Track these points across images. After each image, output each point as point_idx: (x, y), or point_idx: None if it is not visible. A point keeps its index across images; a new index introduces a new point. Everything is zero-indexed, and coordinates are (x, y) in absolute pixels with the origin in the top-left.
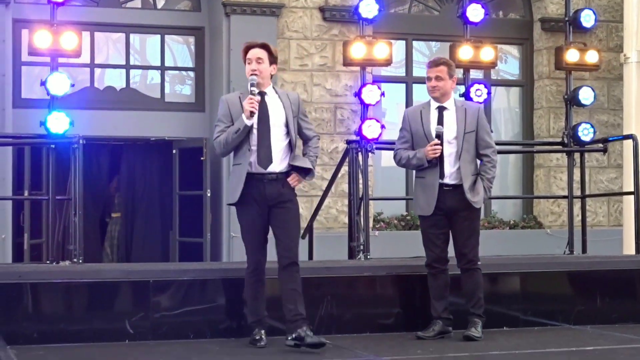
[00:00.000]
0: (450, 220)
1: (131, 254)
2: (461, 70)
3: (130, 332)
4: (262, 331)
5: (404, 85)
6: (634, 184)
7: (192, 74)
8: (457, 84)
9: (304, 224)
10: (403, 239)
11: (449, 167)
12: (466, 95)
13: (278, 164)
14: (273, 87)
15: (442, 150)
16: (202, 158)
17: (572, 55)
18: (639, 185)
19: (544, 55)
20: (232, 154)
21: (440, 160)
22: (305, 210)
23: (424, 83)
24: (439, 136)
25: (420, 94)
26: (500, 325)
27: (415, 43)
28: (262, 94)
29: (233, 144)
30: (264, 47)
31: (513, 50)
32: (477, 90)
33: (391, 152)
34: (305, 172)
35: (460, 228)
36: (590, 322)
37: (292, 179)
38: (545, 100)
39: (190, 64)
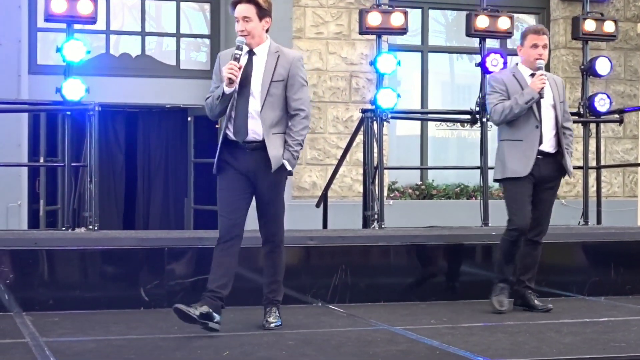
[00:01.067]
0: (534, 189)
1: (148, 221)
2: (477, 40)
3: (145, 299)
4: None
5: (419, 54)
6: None
7: (207, 41)
8: (467, 53)
9: (317, 192)
10: (417, 208)
11: (548, 134)
12: (482, 65)
13: (259, 135)
14: (270, 46)
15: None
16: (217, 126)
17: (589, 25)
18: None
19: (561, 24)
20: None
21: (541, 123)
22: (319, 178)
23: (440, 52)
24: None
25: (437, 62)
26: (514, 296)
27: (431, 12)
28: (250, 54)
29: (218, 109)
30: (251, 1)
31: (530, 20)
32: (493, 59)
33: (405, 122)
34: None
35: (544, 198)
36: (604, 293)
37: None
38: (561, 70)
39: (205, 31)
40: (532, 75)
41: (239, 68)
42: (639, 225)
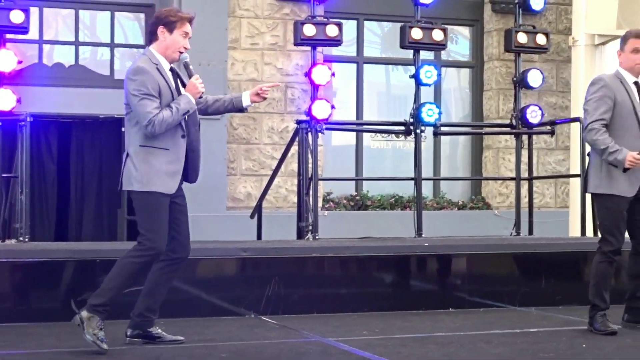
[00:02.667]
0: (633, 201)
1: (81, 233)
2: (411, 52)
3: (76, 311)
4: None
5: (354, 65)
6: (580, 167)
7: (142, 51)
8: (402, 64)
9: (252, 203)
10: (352, 219)
11: None
12: (416, 77)
13: None
14: None
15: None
16: None
17: (521, 38)
18: (584, 167)
19: (494, 36)
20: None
21: None
22: (254, 189)
23: (375, 63)
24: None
25: (372, 73)
26: (446, 307)
27: (366, 23)
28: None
29: (174, 125)
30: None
31: (464, 32)
32: (427, 71)
33: (341, 133)
34: None
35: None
36: (535, 303)
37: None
38: (494, 81)
39: (140, 41)
40: (635, 83)
41: None
42: (570, 236)
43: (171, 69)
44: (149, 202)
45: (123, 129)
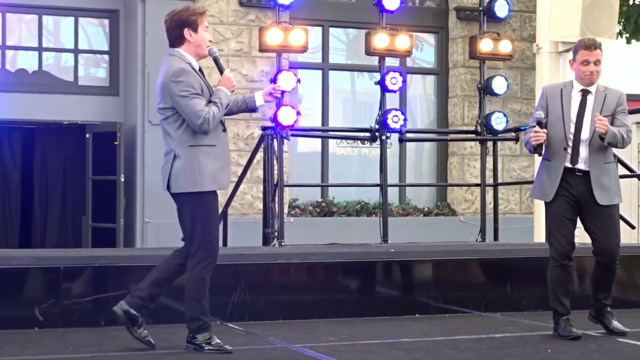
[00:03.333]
0: (582, 208)
1: (45, 240)
2: (377, 58)
3: (40, 319)
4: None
5: (320, 71)
6: None
7: (106, 57)
8: (368, 71)
9: (219, 209)
10: (318, 226)
11: (584, 152)
12: (381, 83)
13: None
14: None
15: (545, 137)
16: (115, 142)
17: (485, 45)
18: None
19: (459, 44)
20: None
21: (575, 144)
22: (220, 195)
23: (341, 70)
24: (540, 123)
25: (338, 80)
26: (412, 312)
27: (332, 30)
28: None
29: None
30: None
31: (429, 39)
32: (392, 78)
33: (306, 139)
34: None
35: (596, 216)
36: (500, 309)
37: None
38: (459, 88)
39: (104, 47)
40: (582, 91)
41: None
42: (534, 242)
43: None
44: (204, 202)
45: (87, 135)
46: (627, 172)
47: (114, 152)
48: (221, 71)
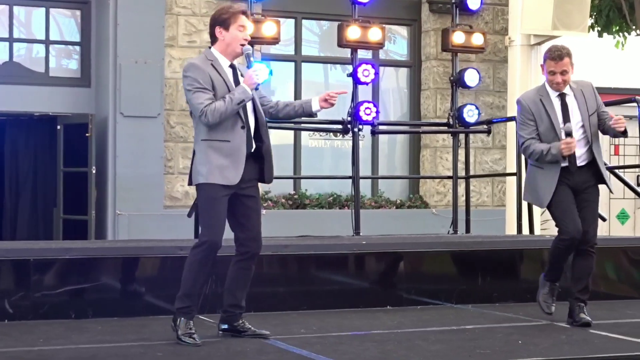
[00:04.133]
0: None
1: (16, 232)
2: (349, 50)
3: (9, 311)
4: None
5: (292, 64)
6: (517, 166)
7: (77, 48)
8: (341, 63)
9: (190, 201)
10: (291, 218)
11: (579, 151)
12: (354, 76)
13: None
14: None
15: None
16: (87, 134)
17: (458, 38)
18: (521, 166)
19: (432, 36)
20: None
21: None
22: (192, 188)
23: (314, 62)
24: (569, 134)
25: (310, 72)
26: (383, 304)
27: (305, 22)
28: (234, 68)
29: (230, 115)
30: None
31: (402, 31)
32: (364, 70)
33: (279, 131)
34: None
35: (584, 205)
36: (472, 301)
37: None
38: (432, 81)
39: (76, 38)
40: (559, 96)
41: None
42: (506, 234)
43: (231, 65)
44: (207, 194)
45: (59, 127)
46: None
47: (86, 144)
48: (249, 68)
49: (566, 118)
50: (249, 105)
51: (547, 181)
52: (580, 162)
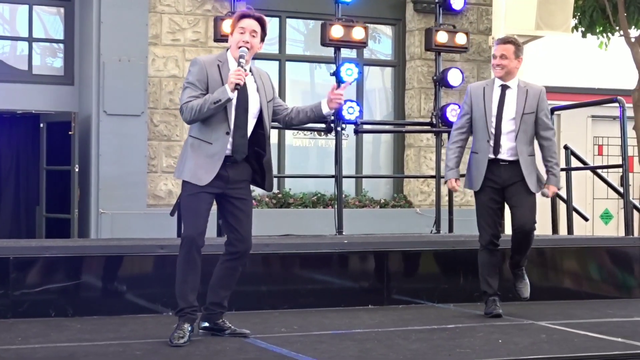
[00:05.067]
0: (505, 192)
1: None
2: (332, 49)
3: None
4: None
5: (277, 62)
6: None
7: (61, 46)
8: (326, 62)
9: (173, 200)
10: (274, 217)
11: (506, 144)
12: (337, 74)
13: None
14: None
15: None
16: (70, 132)
17: (441, 37)
18: None
19: (416, 36)
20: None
21: (496, 137)
22: (175, 186)
23: (298, 61)
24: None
25: (295, 71)
26: (365, 304)
27: (289, 20)
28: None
29: (207, 114)
30: (261, 20)
31: (386, 30)
32: (347, 69)
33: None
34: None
35: (518, 195)
36: (453, 300)
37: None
38: (416, 80)
39: (60, 35)
40: (501, 86)
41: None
42: None
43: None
44: (184, 190)
45: (42, 125)
46: (581, 165)
47: (69, 142)
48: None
49: (500, 107)
50: (251, 112)
51: (479, 170)
52: (509, 157)
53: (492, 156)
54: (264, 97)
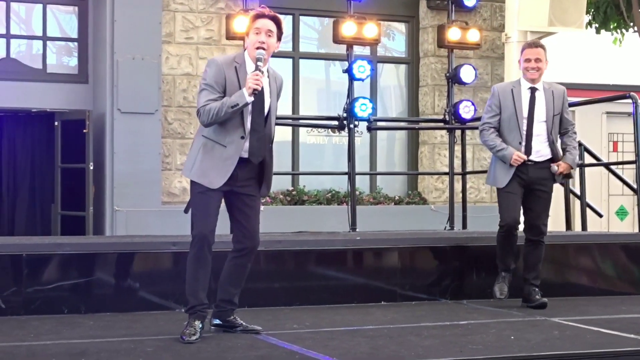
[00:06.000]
0: (526, 191)
1: (14, 228)
2: (344, 47)
3: (1, 306)
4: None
5: (290, 60)
6: None
7: (75, 44)
8: (339, 60)
9: (187, 197)
10: (289, 214)
11: (537, 146)
12: (349, 72)
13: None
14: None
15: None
16: (84, 130)
17: (453, 34)
18: None
19: (430, 33)
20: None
21: (527, 138)
22: (188, 183)
23: (311, 58)
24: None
25: (307, 69)
26: (377, 300)
27: (302, 18)
28: (261, 70)
29: (224, 118)
30: (276, 20)
31: (400, 27)
32: (360, 66)
33: (277, 127)
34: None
35: (536, 199)
36: (466, 296)
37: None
38: (430, 77)
39: (74, 34)
40: (530, 89)
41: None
42: None
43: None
44: (193, 190)
45: (56, 123)
46: (594, 161)
47: (83, 140)
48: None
49: (531, 110)
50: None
51: (506, 168)
52: (537, 158)
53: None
54: (274, 102)
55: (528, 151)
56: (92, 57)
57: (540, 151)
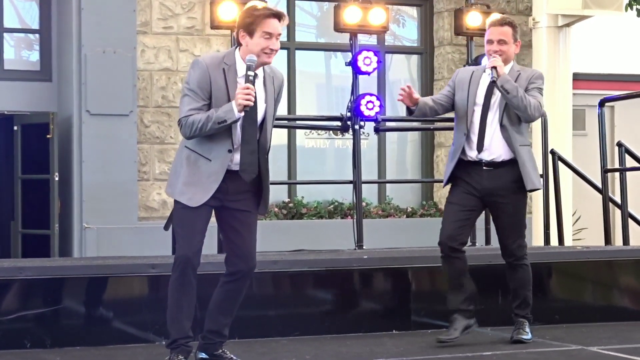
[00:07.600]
0: (486, 204)
1: None
2: (347, 35)
3: None
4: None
5: (285, 52)
6: (543, 167)
7: (37, 36)
8: (342, 50)
9: (167, 212)
10: (285, 230)
11: (489, 141)
12: (353, 64)
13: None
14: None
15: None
16: (48, 136)
17: (473, 19)
18: (547, 168)
19: (445, 18)
20: None
21: (481, 131)
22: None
23: (310, 49)
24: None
25: (305, 62)
26: (388, 329)
27: (298, 3)
28: (254, 78)
29: (209, 133)
30: (284, 19)
31: (412, 12)
32: (365, 58)
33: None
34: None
35: (499, 214)
36: (491, 323)
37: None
38: (446, 69)
39: (36, 25)
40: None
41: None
42: (532, 245)
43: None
44: (176, 205)
45: (15, 128)
46: (638, 165)
47: (47, 147)
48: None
49: (488, 95)
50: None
51: (449, 161)
52: (490, 157)
53: (471, 157)
54: (270, 107)
55: (480, 146)
56: (57, 51)
57: (493, 149)
